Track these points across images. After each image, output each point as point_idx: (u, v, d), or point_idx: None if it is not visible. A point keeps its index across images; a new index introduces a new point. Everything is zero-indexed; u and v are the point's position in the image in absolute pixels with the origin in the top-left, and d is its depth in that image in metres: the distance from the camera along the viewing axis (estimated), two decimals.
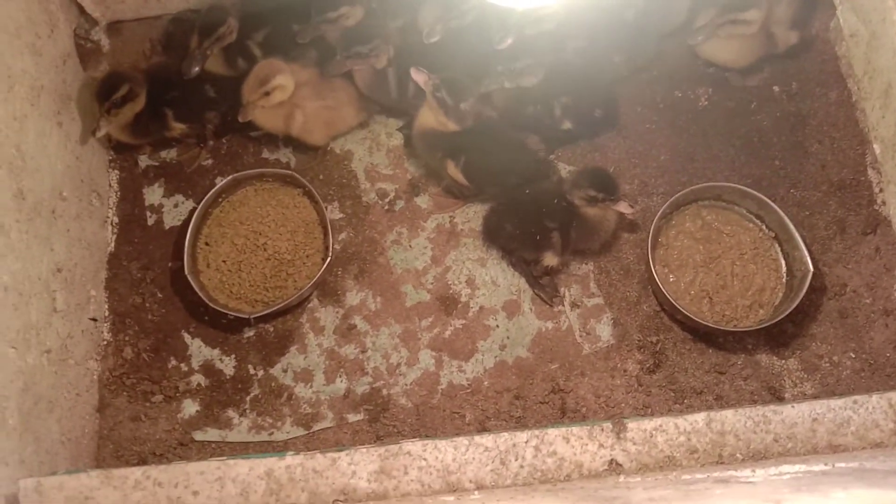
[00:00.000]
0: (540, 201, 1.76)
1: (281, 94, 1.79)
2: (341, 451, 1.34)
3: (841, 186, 1.87)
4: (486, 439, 1.34)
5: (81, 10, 1.94)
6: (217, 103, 1.89)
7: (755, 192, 1.78)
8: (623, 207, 1.70)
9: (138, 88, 1.81)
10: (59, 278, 1.69)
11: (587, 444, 1.33)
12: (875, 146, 1.80)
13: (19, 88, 1.61)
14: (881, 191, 1.82)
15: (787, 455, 1.32)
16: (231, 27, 1.83)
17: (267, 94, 1.78)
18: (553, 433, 1.34)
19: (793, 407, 1.35)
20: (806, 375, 1.75)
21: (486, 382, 1.77)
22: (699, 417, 1.34)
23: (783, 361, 1.76)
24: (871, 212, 1.84)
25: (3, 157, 1.53)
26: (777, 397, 1.74)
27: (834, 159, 1.89)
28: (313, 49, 1.90)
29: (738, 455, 1.32)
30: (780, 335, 1.77)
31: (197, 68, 1.79)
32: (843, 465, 1.14)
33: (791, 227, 1.73)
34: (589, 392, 1.75)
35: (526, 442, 1.33)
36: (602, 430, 1.34)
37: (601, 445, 1.33)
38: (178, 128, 1.88)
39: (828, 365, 1.76)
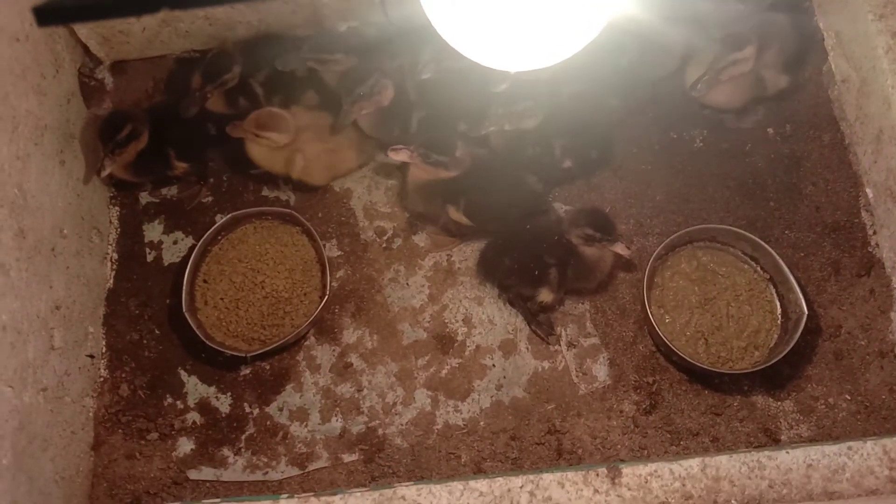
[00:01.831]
0: (540, 237, 1.77)
1: (272, 143, 1.82)
2: (335, 493, 1.34)
3: (835, 228, 1.88)
4: (481, 484, 1.33)
5: (86, 49, 1.98)
6: (219, 141, 1.91)
7: (749, 235, 1.79)
8: (620, 249, 1.71)
9: (141, 128, 1.83)
10: (58, 315, 1.69)
11: (582, 490, 1.33)
12: (868, 190, 1.82)
13: (23, 128, 1.64)
14: (875, 233, 1.84)
15: (782, 501, 1.32)
16: (236, 75, 1.86)
17: (256, 135, 1.81)
18: (548, 478, 1.34)
19: (787, 453, 1.35)
20: (802, 417, 1.75)
21: (482, 423, 1.77)
22: (694, 463, 1.34)
23: (779, 403, 1.76)
24: (865, 254, 1.85)
25: (5, 196, 1.55)
26: (773, 439, 1.73)
27: (828, 201, 1.91)
28: (314, 91, 1.93)
29: (732, 501, 1.32)
30: (776, 377, 1.77)
31: (195, 110, 1.82)
32: None
33: (786, 269, 1.74)
34: (585, 433, 1.75)
35: (521, 487, 1.33)
36: (597, 474, 1.34)
37: (596, 491, 1.33)
38: (180, 166, 1.90)
39: (823, 407, 1.76)
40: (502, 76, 1.72)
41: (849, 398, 1.76)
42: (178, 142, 1.87)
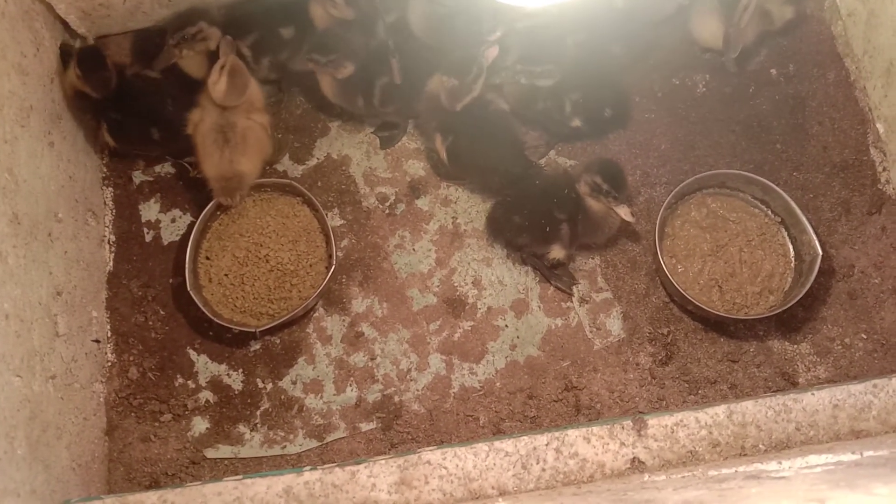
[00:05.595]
0: (549, 192, 1.74)
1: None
2: (360, 463, 1.32)
3: (844, 167, 1.86)
4: (506, 444, 1.32)
5: (66, 25, 1.90)
6: None
7: (759, 178, 1.76)
8: (623, 213, 1.66)
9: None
10: (60, 301, 1.65)
11: (608, 444, 1.31)
12: (878, 126, 1.79)
13: (8, 110, 1.58)
14: (885, 170, 1.81)
15: (809, 443, 1.31)
16: (205, 33, 1.78)
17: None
18: (573, 434, 1.32)
19: (813, 394, 1.33)
20: (819, 359, 1.74)
21: (498, 383, 1.76)
22: (720, 410, 1.33)
23: (795, 346, 1.75)
24: (876, 191, 1.83)
25: None
26: (791, 382, 1.73)
27: (835, 140, 1.88)
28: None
29: (760, 446, 1.31)
30: (791, 320, 1.76)
31: (163, 65, 1.80)
32: (871, 453, 1.13)
33: (798, 211, 1.72)
34: (603, 388, 1.74)
35: (546, 444, 1.32)
36: (623, 428, 1.32)
37: (623, 444, 1.31)
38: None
39: (840, 347, 1.75)
40: (495, 23, 1.67)
41: (865, 337, 1.75)
42: (160, 119, 1.81)
